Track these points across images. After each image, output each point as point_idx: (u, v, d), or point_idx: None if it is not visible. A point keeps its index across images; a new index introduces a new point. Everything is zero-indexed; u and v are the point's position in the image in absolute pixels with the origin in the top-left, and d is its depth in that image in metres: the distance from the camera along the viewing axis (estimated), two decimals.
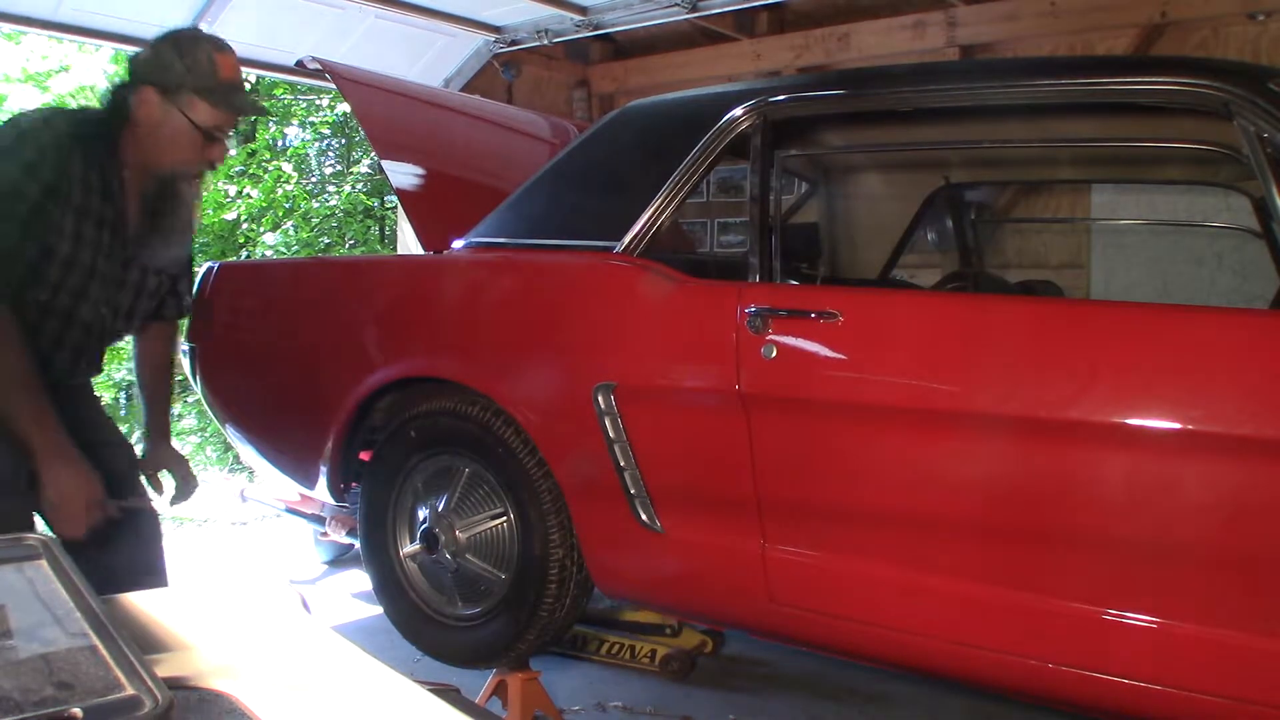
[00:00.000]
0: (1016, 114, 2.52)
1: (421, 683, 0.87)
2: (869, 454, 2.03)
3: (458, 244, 2.69)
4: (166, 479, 2.36)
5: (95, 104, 2.14)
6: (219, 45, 2.12)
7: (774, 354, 2.06)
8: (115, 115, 2.07)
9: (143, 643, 0.80)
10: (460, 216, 2.74)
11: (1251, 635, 1.68)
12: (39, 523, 1.97)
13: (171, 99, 2.05)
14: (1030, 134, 2.72)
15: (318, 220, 10.73)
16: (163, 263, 2.22)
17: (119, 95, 2.08)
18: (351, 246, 10.94)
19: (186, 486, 2.36)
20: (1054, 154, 3.16)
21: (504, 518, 2.52)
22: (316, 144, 11.61)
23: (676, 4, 4.43)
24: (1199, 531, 1.74)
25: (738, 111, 2.28)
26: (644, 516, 2.26)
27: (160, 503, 2.32)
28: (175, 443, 2.43)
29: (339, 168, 11.49)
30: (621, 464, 2.26)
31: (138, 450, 2.34)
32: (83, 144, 2.01)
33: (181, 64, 2.04)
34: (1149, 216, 3.94)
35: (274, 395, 2.95)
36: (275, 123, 11.23)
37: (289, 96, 10.79)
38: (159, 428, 2.38)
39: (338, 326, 2.81)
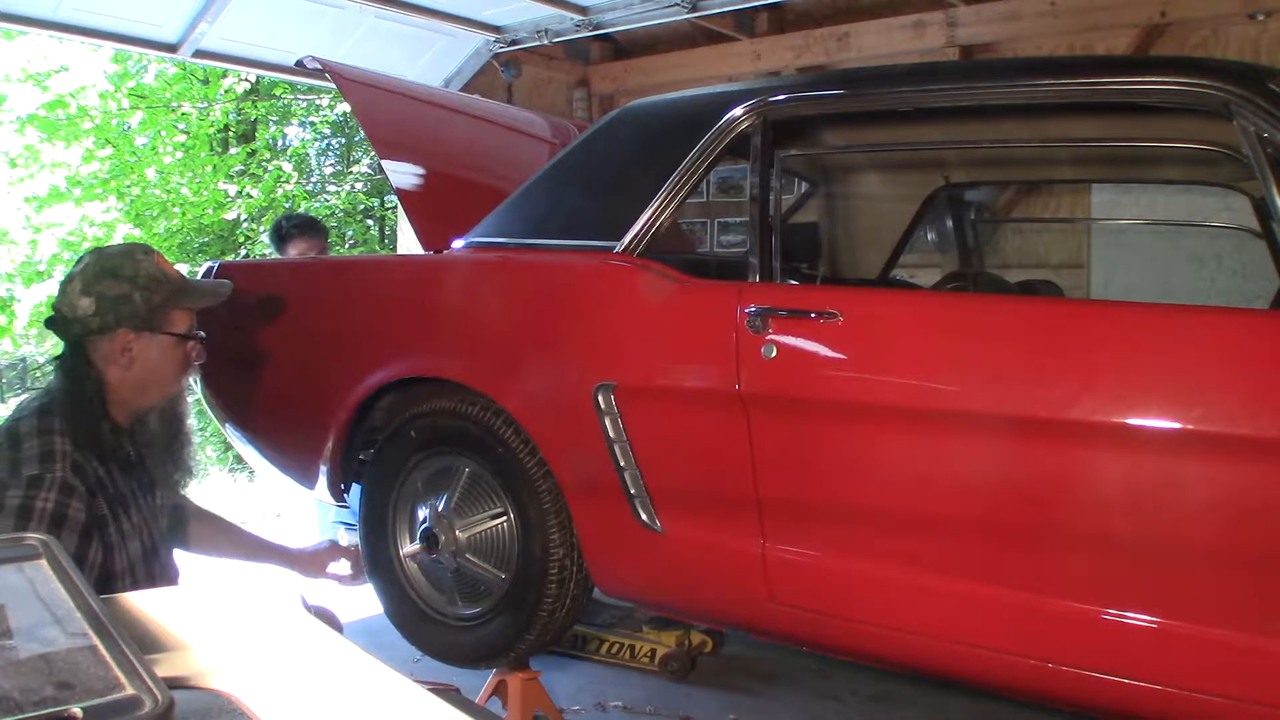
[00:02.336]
0: (1016, 114, 2.52)
1: (421, 683, 0.87)
2: (869, 454, 2.03)
3: (458, 244, 2.69)
4: (339, 566, 2.50)
5: (53, 381, 1.93)
6: (144, 249, 1.99)
7: (774, 354, 2.06)
8: (87, 385, 1.89)
9: (143, 643, 0.80)
10: (460, 216, 2.73)
11: (1251, 635, 1.68)
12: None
13: (149, 328, 1.93)
14: (1030, 134, 2.72)
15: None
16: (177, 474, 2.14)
17: (76, 366, 1.91)
18: (351, 246, 10.95)
19: (357, 565, 2.55)
20: (1054, 154, 3.16)
21: (504, 518, 2.52)
22: (316, 144, 11.63)
23: (676, 4, 4.43)
24: (1199, 531, 1.73)
25: (738, 111, 2.28)
26: (644, 516, 2.26)
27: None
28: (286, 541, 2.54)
29: (339, 168, 11.50)
30: (621, 464, 2.26)
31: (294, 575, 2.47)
32: (83, 444, 1.85)
33: (137, 290, 1.91)
34: (1149, 216, 3.94)
35: (274, 395, 2.95)
36: (275, 123, 11.24)
37: (289, 96, 10.80)
38: (277, 552, 2.43)
39: (338, 326, 2.81)
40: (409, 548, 2.67)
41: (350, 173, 11.03)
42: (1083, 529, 1.82)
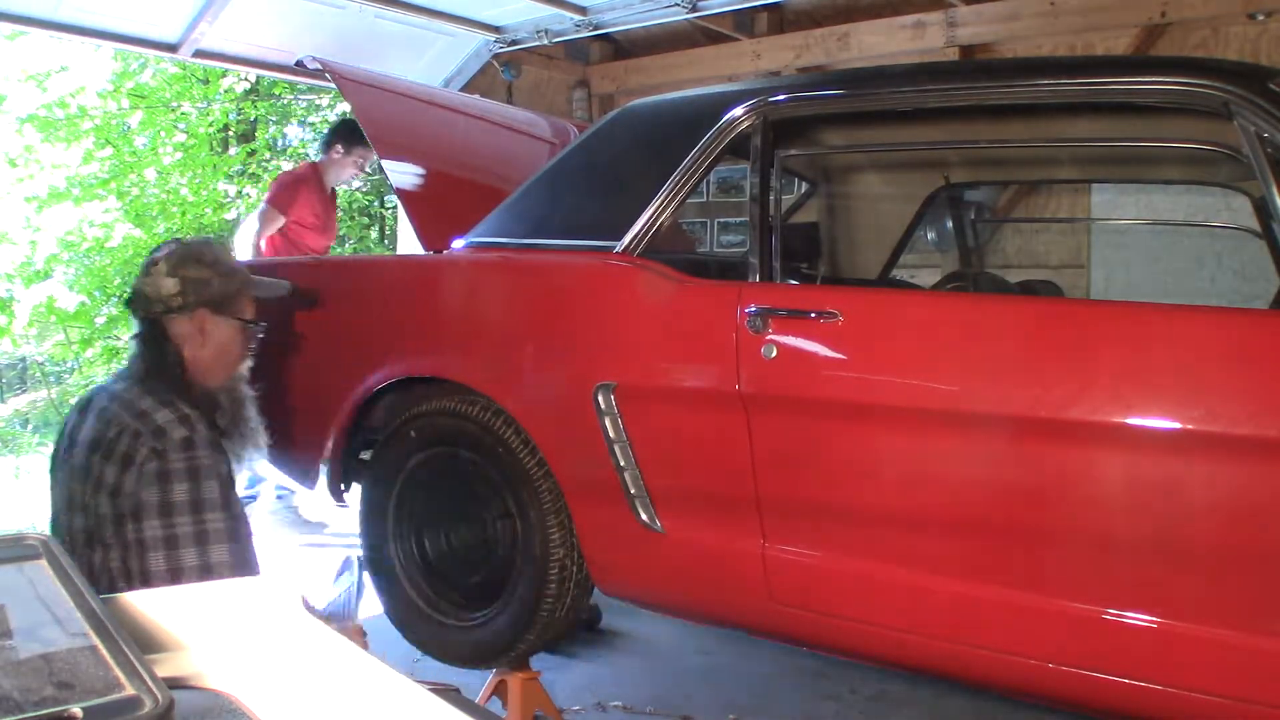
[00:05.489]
0: (1016, 114, 2.52)
1: (421, 683, 0.87)
2: (869, 454, 2.03)
3: (458, 244, 2.69)
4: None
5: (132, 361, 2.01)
6: (221, 243, 2.10)
7: (774, 354, 2.06)
8: (168, 357, 1.99)
9: (143, 643, 0.80)
10: (460, 216, 2.73)
11: (1251, 635, 1.68)
12: None
13: (223, 311, 2.03)
14: (1030, 134, 2.72)
15: None
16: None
17: (157, 341, 1.99)
18: (351, 246, 10.94)
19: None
20: (1054, 154, 3.16)
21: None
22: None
23: (676, 4, 4.42)
24: (1199, 531, 1.74)
25: (738, 111, 2.28)
26: (644, 516, 2.26)
27: None
28: None
29: None
30: (621, 464, 2.25)
31: None
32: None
33: (217, 276, 2.01)
34: (1149, 216, 3.94)
35: (274, 395, 2.94)
36: (275, 123, 11.24)
37: (289, 96, 10.79)
38: None
39: (338, 326, 2.81)
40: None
41: None
42: (1083, 529, 1.82)
